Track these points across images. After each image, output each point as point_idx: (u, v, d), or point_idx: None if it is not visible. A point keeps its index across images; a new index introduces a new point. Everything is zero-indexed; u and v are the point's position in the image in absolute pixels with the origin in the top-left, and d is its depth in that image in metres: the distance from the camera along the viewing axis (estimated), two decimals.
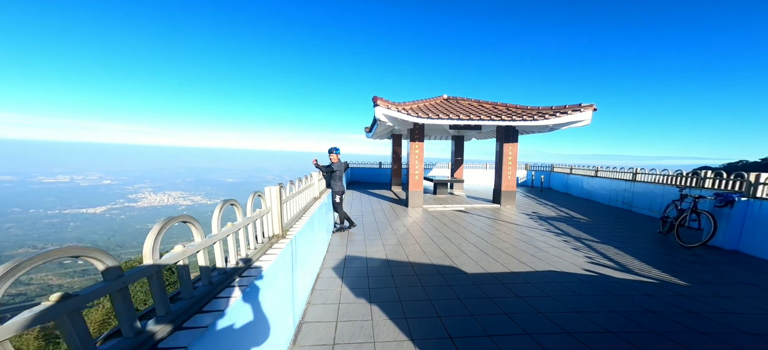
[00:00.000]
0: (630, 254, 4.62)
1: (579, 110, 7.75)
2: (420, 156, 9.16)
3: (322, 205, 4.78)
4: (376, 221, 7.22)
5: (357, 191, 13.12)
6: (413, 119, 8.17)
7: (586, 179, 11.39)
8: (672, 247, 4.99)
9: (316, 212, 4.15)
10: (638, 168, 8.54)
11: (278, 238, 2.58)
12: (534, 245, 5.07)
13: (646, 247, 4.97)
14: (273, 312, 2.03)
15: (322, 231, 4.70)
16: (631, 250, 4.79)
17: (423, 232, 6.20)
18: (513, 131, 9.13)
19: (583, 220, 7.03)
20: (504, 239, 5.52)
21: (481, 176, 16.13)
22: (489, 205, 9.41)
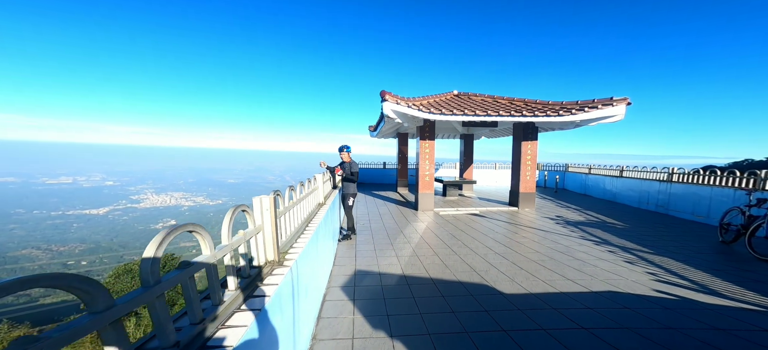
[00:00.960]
0: (700, 268, 3.86)
1: (611, 104, 7.01)
2: (430, 156, 8.46)
3: (328, 212, 4.10)
4: (386, 228, 6.53)
5: (361, 192, 12.43)
6: (425, 115, 7.47)
7: (608, 179, 10.62)
8: (747, 260, 4.17)
9: (321, 222, 3.46)
10: (675, 168, 7.78)
11: (273, 265, 1.89)
12: (574, 256, 4.35)
13: (712, 260, 4.19)
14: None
15: (328, 242, 4.01)
16: (699, 263, 4.02)
17: (440, 240, 5.49)
18: (532, 128, 8.40)
19: (619, 225, 6.28)
20: (535, 248, 4.80)
21: (490, 177, 15.40)
22: (505, 208, 8.68)
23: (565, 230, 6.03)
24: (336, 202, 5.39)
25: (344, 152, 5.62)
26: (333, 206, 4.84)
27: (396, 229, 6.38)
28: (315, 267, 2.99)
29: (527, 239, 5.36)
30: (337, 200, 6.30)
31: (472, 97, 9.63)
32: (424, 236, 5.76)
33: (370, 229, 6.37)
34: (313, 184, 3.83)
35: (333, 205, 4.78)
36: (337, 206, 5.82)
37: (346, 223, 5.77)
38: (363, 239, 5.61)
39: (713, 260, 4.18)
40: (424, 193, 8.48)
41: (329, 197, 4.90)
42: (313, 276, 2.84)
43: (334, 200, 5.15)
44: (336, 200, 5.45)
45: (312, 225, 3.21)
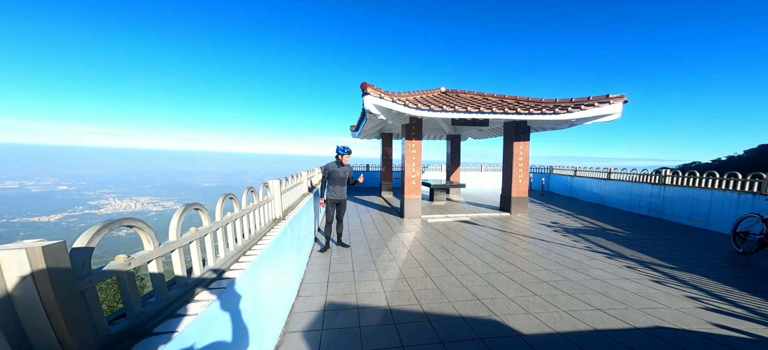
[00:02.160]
0: (741, 288, 3.26)
1: (607, 102, 6.58)
2: (417, 158, 7.68)
3: (288, 229, 3.14)
4: (368, 240, 5.62)
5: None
6: (411, 112, 6.67)
7: (595, 182, 10.39)
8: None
9: (274, 243, 2.50)
10: (667, 170, 7.52)
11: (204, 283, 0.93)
12: (590, 274, 3.67)
13: (745, 276, 3.55)
14: None
15: (289, 264, 3.04)
16: (741, 284, 3.38)
17: (430, 255, 4.67)
18: (525, 127, 7.86)
19: (621, 233, 5.79)
20: (541, 264, 4.09)
21: (476, 179, 14.95)
22: (497, 213, 8.06)
23: (567, 239, 5.43)
24: (303, 216, 4.41)
25: (347, 155, 4.86)
26: (298, 220, 3.86)
27: (380, 242, 5.48)
28: (264, 299, 2.03)
29: (529, 253, 4.66)
30: (314, 210, 5.35)
31: (460, 94, 8.99)
32: (413, 251, 4.91)
33: (349, 242, 5.42)
34: (265, 193, 2.84)
35: (297, 219, 3.80)
36: (308, 218, 4.83)
37: (332, 232, 5.05)
38: (340, 255, 4.65)
39: (745, 276, 3.65)
40: (411, 198, 7.67)
41: (295, 209, 3.92)
42: (258, 314, 1.88)
43: (301, 212, 4.16)
44: (304, 213, 4.47)
45: (260, 245, 2.24)
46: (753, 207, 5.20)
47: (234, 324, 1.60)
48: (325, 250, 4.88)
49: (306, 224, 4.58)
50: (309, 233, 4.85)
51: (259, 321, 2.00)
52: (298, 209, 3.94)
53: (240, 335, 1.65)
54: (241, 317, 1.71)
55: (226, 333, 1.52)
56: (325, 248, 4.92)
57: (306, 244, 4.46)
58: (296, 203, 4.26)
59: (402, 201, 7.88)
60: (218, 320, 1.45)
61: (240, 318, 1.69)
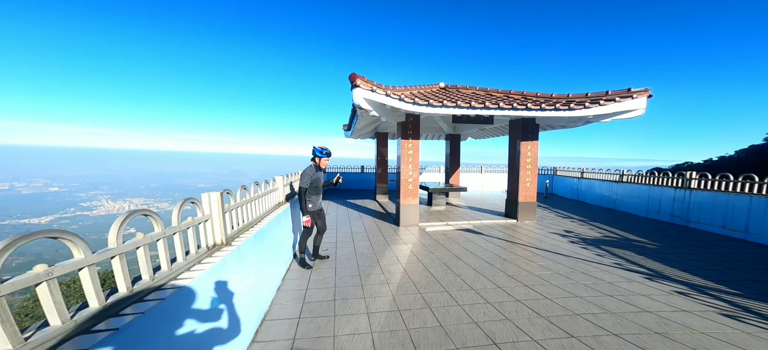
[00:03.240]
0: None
1: (629, 97, 5.84)
2: (414, 159, 6.90)
3: (242, 250, 2.34)
4: (357, 255, 4.82)
5: (334, 201, 10.63)
6: (408, 107, 5.90)
7: (606, 184, 9.66)
8: None
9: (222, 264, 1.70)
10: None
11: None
12: (637, 305, 2.89)
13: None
14: None
15: (241, 299, 2.24)
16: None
17: (431, 277, 3.88)
18: (533, 125, 7.12)
19: (650, 245, 5.03)
20: (570, 290, 3.31)
21: (476, 181, 14.19)
22: (502, 220, 7.30)
23: (588, 253, 4.66)
24: (271, 234, 3.62)
25: (325, 158, 4.17)
26: (258, 241, 3.05)
27: (370, 257, 4.69)
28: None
29: (549, 272, 3.88)
30: (292, 223, 4.59)
31: (461, 89, 8.23)
32: (409, 270, 4.12)
33: (334, 257, 4.63)
34: (205, 209, 2.04)
35: (258, 239, 3.00)
36: (279, 236, 4.04)
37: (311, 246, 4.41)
38: (320, 277, 3.85)
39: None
40: (407, 204, 6.89)
41: (257, 226, 3.12)
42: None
43: (264, 231, 3.37)
44: (274, 229, 3.69)
45: (183, 279, 1.45)
46: None
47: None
48: (307, 267, 4.18)
49: (275, 245, 3.77)
50: (280, 252, 4.04)
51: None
52: (261, 226, 3.13)
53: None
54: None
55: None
56: (307, 265, 4.21)
57: (275, 269, 3.66)
58: (262, 218, 3.45)
59: (397, 207, 7.10)
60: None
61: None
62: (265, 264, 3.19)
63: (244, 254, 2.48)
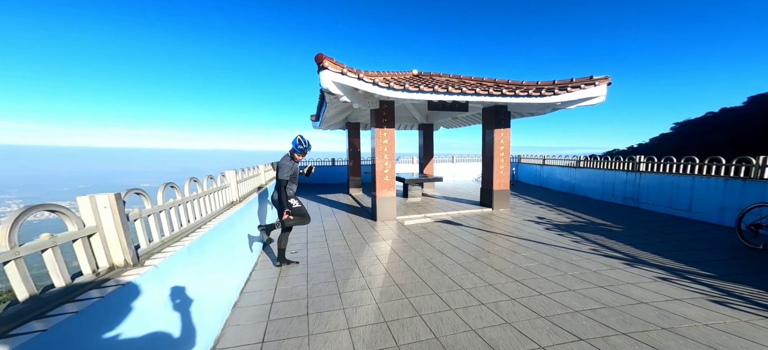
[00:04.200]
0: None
1: (592, 84, 6.04)
2: (390, 148, 6.49)
3: (162, 271, 1.71)
4: (331, 256, 4.31)
5: (303, 197, 9.85)
6: (382, 92, 5.43)
7: (565, 170, 10.28)
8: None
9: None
10: (641, 156, 7.37)
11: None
12: (630, 295, 2.82)
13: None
14: None
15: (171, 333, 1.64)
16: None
17: (417, 277, 3.54)
18: (505, 113, 7.13)
19: (616, 228, 5.29)
20: (561, 282, 3.20)
21: (449, 171, 14.33)
22: (478, 209, 7.29)
23: (565, 239, 4.72)
24: (216, 240, 2.96)
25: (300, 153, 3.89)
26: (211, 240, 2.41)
27: (347, 259, 4.21)
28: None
29: (535, 263, 3.78)
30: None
31: (435, 76, 7.95)
32: (392, 271, 3.73)
33: (305, 262, 4.06)
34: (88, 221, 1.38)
35: (188, 254, 2.36)
36: (235, 244, 3.38)
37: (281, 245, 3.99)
38: (288, 286, 3.29)
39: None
40: (384, 196, 6.49)
41: (184, 241, 2.45)
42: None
43: (204, 240, 2.71)
44: (223, 236, 3.03)
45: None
46: (743, 194, 4.99)
47: None
48: (287, 263, 3.95)
49: (229, 253, 3.12)
50: (236, 262, 3.39)
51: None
52: (203, 233, 2.47)
53: None
54: None
55: None
56: (286, 260, 3.96)
57: (229, 282, 3.02)
58: (205, 223, 2.76)
59: (373, 200, 6.67)
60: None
61: None
62: (214, 279, 2.55)
63: (170, 274, 1.84)
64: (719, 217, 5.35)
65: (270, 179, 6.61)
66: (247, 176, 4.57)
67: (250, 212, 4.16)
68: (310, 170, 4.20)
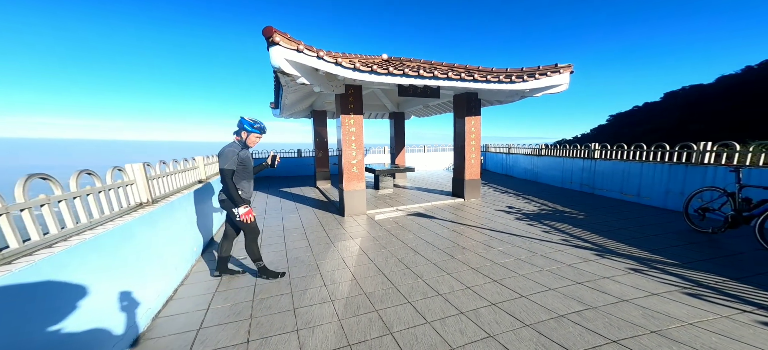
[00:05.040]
0: (753, 284, 2.68)
1: (557, 72, 6.06)
2: (358, 137, 5.95)
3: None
4: (288, 260, 3.74)
5: (263, 191, 8.92)
6: (347, 74, 4.83)
7: (529, 158, 10.64)
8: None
9: None
10: (596, 144, 7.75)
11: None
12: (612, 293, 2.65)
13: (743, 263, 3.12)
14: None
15: None
16: (738, 274, 2.86)
17: (389, 284, 3.13)
18: (476, 100, 6.95)
19: (579, 216, 5.41)
20: (541, 281, 3.01)
21: (420, 161, 14.17)
22: (451, 200, 7.13)
23: (536, 230, 4.67)
24: (112, 249, 2.25)
25: (252, 134, 3.07)
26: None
27: (308, 262, 3.66)
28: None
29: (512, 259, 3.60)
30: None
31: (406, 61, 7.47)
32: (360, 276, 3.28)
33: (263, 264, 3.43)
34: None
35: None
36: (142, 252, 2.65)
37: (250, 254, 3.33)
38: (228, 302, 2.67)
39: (745, 263, 3.16)
40: (352, 189, 5.97)
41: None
42: None
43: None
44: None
45: None
46: (685, 179, 5.37)
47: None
48: (279, 275, 3.34)
49: (134, 265, 2.41)
50: (146, 278, 2.69)
51: None
52: (87, 237, 1.77)
53: None
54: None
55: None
56: (275, 273, 3.34)
57: (136, 303, 2.33)
58: (91, 229, 2.04)
59: (341, 194, 6.12)
60: None
61: None
62: (110, 298, 1.87)
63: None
64: (663, 201, 5.76)
65: (213, 174, 5.70)
66: (174, 170, 3.73)
67: (176, 215, 3.38)
68: (275, 160, 3.37)
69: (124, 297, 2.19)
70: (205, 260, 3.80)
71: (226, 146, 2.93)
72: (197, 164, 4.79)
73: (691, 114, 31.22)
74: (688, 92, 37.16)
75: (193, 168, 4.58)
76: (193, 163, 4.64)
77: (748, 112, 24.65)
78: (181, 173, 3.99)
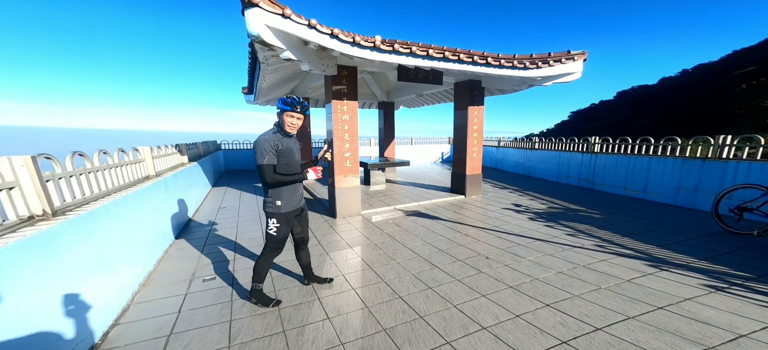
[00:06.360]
0: None
1: (572, 59, 5.62)
2: (352, 127, 5.12)
3: None
4: (273, 277, 2.88)
5: (234, 188, 7.77)
6: (344, 48, 3.98)
7: (521, 152, 10.39)
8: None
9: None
10: (596, 137, 7.55)
11: None
12: (708, 323, 2.17)
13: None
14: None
15: None
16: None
17: (409, 310, 2.43)
18: (479, 89, 6.37)
19: (596, 215, 5.04)
20: (607, 303, 2.46)
21: (408, 154, 13.52)
22: (451, 197, 6.55)
23: (559, 233, 4.20)
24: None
25: (292, 114, 2.29)
26: None
27: (299, 285, 2.84)
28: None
29: (553, 275, 3.05)
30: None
31: (402, 44, 6.68)
32: (371, 302, 2.53)
33: (230, 298, 2.55)
34: None
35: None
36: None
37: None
38: (206, 339, 1.82)
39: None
40: (345, 187, 5.16)
41: None
42: None
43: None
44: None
45: None
46: (702, 175, 5.18)
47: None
48: (272, 303, 2.52)
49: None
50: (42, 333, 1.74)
51: None
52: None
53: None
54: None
55: None
56: (270, 300, 2.54)
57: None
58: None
59: (331, 191, 5.29)
60: None
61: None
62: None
63: None
64: (674, 198, 5.60)
65: (167, 169, 4.64)
66: (100, 165, 2.72)
67: (104, 228, 2.41)
68: (326, 155, 2.67)
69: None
70: (155, 284, 2.84)
71: (261, 136, 2.21)
72: (142, 156, 3.71)
73: (638, 112, 33.80)
74: (636, 91, 40.24)
75: (135, 162, 3.51)
76: (136, 155, 3.57)
77: (684, 112, 27.03)
78: (112, 170, 2.95)
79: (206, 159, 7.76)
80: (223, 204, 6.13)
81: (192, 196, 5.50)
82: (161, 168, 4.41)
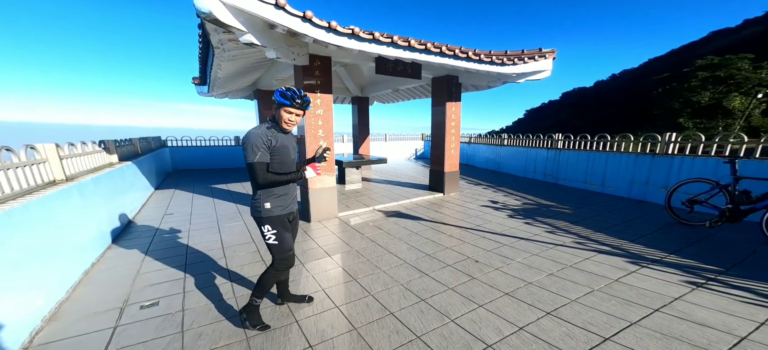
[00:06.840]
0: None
1: (543, 57, 5.77)
2: (326, 122, 4.67)
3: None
4: (236, 297, 2.39)
5: (184, 190, 6.82)
6: (318, 34, 3.52)
7: (491, 148, 10.73)
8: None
9: None
10: (559, 135, 7.99)
11: None
12: (706, 324, 2.15)
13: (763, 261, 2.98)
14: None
15: None
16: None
17: (405, 330, 2.15)
18: (456, 85, 6.30)
19: (567, 210, 5.25)
20: (604, 308, 2.42)
21: (382, 151, 13.26)
22: (430, 195, 6.43)
23: (538, 230, 4.25)
24: None
25: (292, 107, 1.93)
26: None
27: (270, 309, 2.40)
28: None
29: (545, 277, 2.99)
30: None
31: (383, 34, 6.31)
32: (361, 324, 2.22)
33: (180, 331, 2.03)
34: None
35: None
36: None
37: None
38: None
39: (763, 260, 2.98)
40: (319, 188, 4.70)
41: None
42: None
43: None
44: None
45: None
46: (651, 170, 5.66)
47: None
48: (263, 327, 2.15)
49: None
50: None
51: None
52: None
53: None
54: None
55: None
56: (263, 325, 2.19)
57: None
58: None
59: (304, 192, 4.79)
60: None
61: None
62: None
63: None
64: (628, 191, 6.09)
65: (86, 172, 3.81)
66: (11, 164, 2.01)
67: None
68: (324, 152, 2.26)
69: None
70: (68, 318, 2.19)
71: (252, 131, 1.91)
72: (43, 155, 2.92)
73: (576, 112, 37.87)
74: (576, 92, 45.13)
75: (31, 164, 2.72)
76: (32, 155, 2.78)
77: (613, 112, 31.02)
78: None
79: (145, 158, 6.66)
80: (169, 210, 5.27)
81: (125, 202, 4.62)
82: (77, 171, 3.56)
